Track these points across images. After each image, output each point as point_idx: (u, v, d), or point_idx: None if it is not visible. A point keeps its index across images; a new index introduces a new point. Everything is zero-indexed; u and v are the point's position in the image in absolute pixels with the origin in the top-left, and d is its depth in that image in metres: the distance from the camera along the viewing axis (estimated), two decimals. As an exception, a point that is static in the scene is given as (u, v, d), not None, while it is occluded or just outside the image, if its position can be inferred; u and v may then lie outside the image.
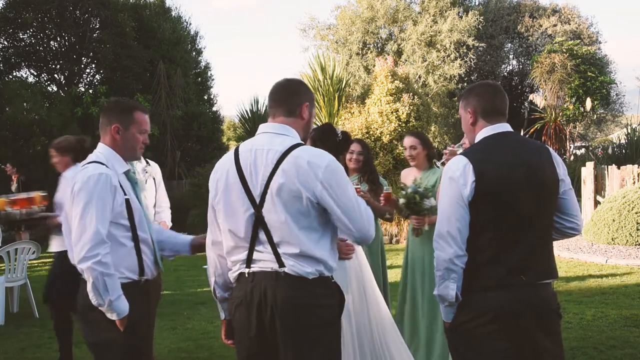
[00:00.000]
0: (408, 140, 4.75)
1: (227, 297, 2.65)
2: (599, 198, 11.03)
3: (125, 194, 2.85)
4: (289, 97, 2.61)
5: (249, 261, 2.48)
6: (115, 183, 2.82)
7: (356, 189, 4.26)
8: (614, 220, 9.72)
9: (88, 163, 2.88)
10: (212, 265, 2.66)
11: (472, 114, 2.71)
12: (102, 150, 2.95)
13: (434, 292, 2.59)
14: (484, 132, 2.68)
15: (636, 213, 9.54)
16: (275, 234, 2.43)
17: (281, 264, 2.42)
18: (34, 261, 9.44)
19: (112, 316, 2.75)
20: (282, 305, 2.41)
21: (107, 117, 2.97)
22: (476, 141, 2.69)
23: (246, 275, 2.49)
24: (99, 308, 2.73)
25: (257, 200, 2.45)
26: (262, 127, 2.61)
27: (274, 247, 2.43)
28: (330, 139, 3.98)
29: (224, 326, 2.72)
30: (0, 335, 6.09)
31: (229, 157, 2.59)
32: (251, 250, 2.47)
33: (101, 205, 2.73)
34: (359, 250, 3.78)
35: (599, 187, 11.48)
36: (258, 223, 2.45)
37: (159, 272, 3.05)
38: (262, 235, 2.45)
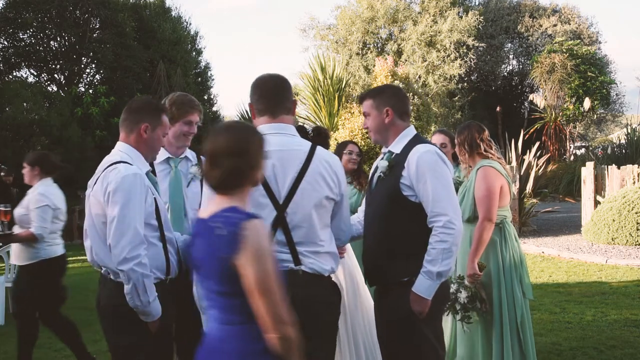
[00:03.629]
0: (439, 138, 4.82)
1: None
2: (599, 198, 11.03)
3: (152, 194, 2.82)
4: (288, 95, 2.62)
5: None
6: (147, 183, 2.78)
7: None
8: (614, 220, 9.72)
9: (116, 163, 2.77)
10: None
11: (391, 114, 2.87)
12: (124, 150, 2.86)
13: (438, 269, 2.63)
14: (409, 132, 2.92)
15: (636, 213, 9.54)
16: (297, 233, 2.44)
17: (298, 262, 2.44)
18: (34, 261, 9.41)
19: (146, 318, 2.70)
20: (300, 303, 2.36)
21: (136, 115, 2.88)
22: (404, 140, 2.87)
23: None
24: (135, 309, 2.67)
25: (281, 201, 2.45)
26: (271, 127, 2.54)
27: (292, 246, 2.45)
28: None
29: None
30: (0, 335, 6.09)
31: None
32: None
33: (138, 205, 2.68)
34: (349, 248, 3.80)
35: (599, 187, 11.47)
36: (278, 224, 2.45)
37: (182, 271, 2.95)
38: (280, 235, 2.45)
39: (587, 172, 11.38)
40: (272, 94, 2.58)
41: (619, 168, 11.35)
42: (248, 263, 1.87)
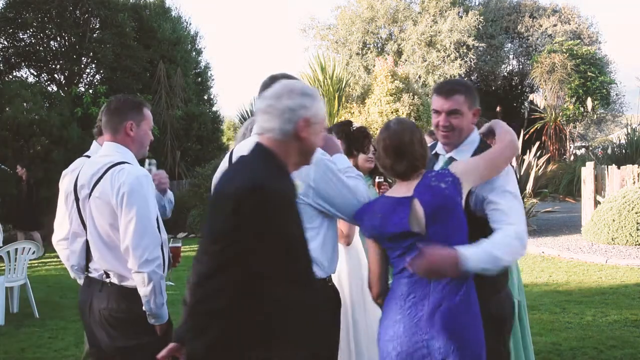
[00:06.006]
0: (427, 140, 4.78)
1: None
2: (599, 198, 11.03)
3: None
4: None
5: None
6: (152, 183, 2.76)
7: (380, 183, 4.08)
8: (614, 220, 9.72)
9: (120, 163, 2.68)
10: None
11: (477, 116, 2.58)
12: (119, 150, 2.76)
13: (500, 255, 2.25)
14: (475, 137, 2.59)
15: (636, 213, 9.54)
16: None
17: None
18: (34, 261, 9.44)
19: (156, 321, 2.68)
20: None
21: (118, 115, 2.78)
22: (471, 146, 2.56)
23: None
24: (148, 312, 2.64)
25: None
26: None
27: None
28: (344, 132, 3.88)
29: None
30: (0, 335, 6.09)
31: (225, 160, 2.58)
32: None
33: (152, 206, 2.66)
34: (359, 248, 3.72)
35: (599, 187, 11.47)
36: None
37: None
38: None
39: (587, 172, 11.38)
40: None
41: (619, 168, 11.34)
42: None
